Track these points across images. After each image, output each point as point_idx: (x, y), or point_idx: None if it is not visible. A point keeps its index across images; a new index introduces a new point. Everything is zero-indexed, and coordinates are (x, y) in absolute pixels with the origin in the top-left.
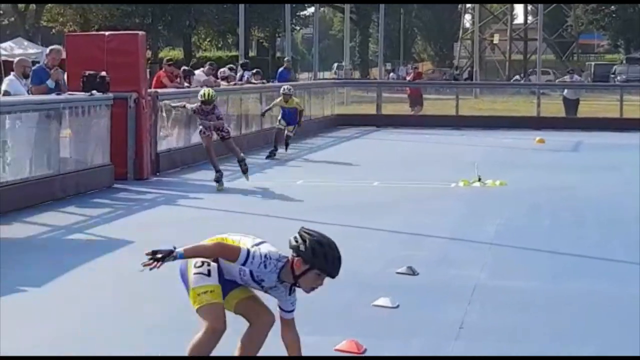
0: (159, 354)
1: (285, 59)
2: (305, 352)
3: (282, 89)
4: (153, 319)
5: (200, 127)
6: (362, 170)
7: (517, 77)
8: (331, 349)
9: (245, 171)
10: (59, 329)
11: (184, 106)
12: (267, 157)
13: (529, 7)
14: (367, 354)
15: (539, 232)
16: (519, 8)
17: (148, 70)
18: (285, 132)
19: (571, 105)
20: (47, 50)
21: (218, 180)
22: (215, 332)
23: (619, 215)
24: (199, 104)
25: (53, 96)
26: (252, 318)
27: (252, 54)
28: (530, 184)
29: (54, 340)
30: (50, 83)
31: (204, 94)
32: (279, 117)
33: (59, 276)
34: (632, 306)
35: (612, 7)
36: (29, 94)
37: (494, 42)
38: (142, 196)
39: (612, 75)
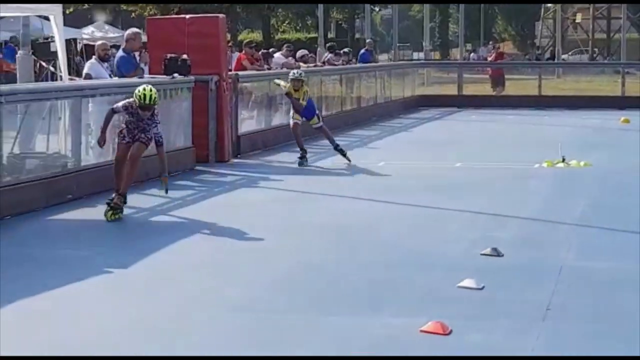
0: (242, 335)
1: (367, 40)
2: (391, 334)
3: (291, 73)
4: (237, 300)
5: (121, 128)
6: (443, 151)
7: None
8: (417, 330)
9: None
10: (140, 311)
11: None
12: (300, 164)
13: None
14: (453, 336)
15: (627, 213)
16: None
17: (229, 52)
18: (318, 127)
19: None
20: (128, 33)
21: (111, 205)
22: None
23: None
24: (134, 103)
25: (135, 79)
26: None
27: (330, 35)
28: (616, 165)
29: (137, 322)
30: (143, 66)
31: (143, 95)
32: (291, 111)
33: (143, 258)
34: None
35: None
36: (110, 77)
37: (576, 21)
38: (223, 178)
39: None
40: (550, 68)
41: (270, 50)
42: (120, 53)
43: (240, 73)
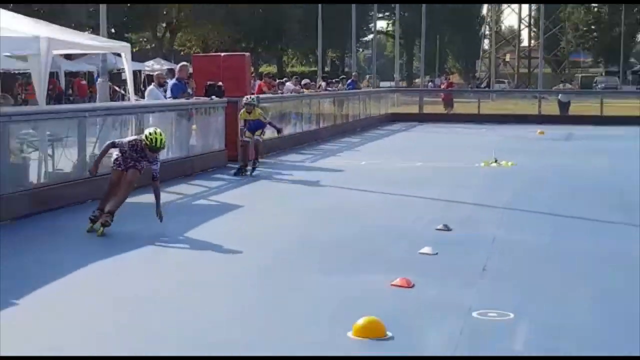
0: (251, 288)
1: (353, 73)
2: (369, 288)
3: (244, 98)
4: (252, 263)
5: (117, 156)
6: (408, 154)
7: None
8: (388, 285)
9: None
10: (190, 274)
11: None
12: (237, 174)
13: (533, 33)
14: (415, 289)
15: (543, 199)
16: (524, 34)
17: (252, 81)
18: (255, 138)
19: (564, 106)
20: (179, 66)
21: (102, 222)
22: None
23: (604, 187)
24: (141, 142)
25: (183, 100)
26: None
27: (327, 68)
28: (534, 164)
29: (188, 282)
30: (190, 91)
31: (155, 139)
32: (244, 130)
33: (190, 230)
34: (618, 255)
35: (595, 33)
36: (165, 98)
37: (506, 60)
38: (248, 173)
39: (595, 84)
40: (486, 94)
41: (284, 79)
42: (173, 81)
43: (261, 96)
